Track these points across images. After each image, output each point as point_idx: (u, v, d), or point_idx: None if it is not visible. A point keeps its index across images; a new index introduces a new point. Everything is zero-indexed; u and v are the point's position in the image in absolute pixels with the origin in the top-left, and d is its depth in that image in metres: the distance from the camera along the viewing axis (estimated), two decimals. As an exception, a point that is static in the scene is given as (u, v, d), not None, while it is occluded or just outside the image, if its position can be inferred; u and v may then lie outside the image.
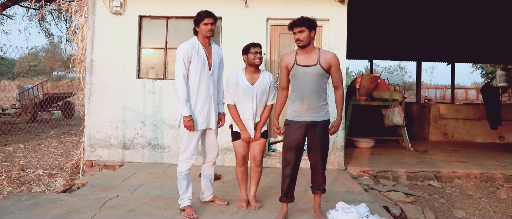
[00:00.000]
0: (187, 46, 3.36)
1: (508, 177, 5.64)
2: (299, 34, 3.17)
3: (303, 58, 3.24)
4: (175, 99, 5.75)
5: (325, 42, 5.72)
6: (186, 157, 3.44)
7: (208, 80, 3.44)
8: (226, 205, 3.72)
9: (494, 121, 8.29)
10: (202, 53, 3.40)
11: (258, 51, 3.53)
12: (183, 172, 3.46)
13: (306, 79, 3.19)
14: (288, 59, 3.29)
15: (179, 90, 3.33)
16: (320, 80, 3.22)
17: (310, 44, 3.23)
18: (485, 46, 10.88)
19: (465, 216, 4.56)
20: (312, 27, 3.20)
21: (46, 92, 15.10)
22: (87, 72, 5.86)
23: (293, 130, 3.26)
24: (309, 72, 3.19)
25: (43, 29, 13.52)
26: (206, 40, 3.46)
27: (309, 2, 5.64)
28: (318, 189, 3.38)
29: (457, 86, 30.05)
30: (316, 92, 3.20)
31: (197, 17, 3.41)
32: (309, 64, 3.20)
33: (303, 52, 3.25)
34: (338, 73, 3.27)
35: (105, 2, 5.77)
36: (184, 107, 3.32)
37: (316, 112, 3.23)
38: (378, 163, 6.09)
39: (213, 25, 3.42)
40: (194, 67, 3.36)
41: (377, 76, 8.25)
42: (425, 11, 7.63)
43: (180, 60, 3.33)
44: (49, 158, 7.20)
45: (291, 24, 3.22)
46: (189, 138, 3.42)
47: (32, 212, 3.45)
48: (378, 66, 42.66)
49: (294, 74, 3.25)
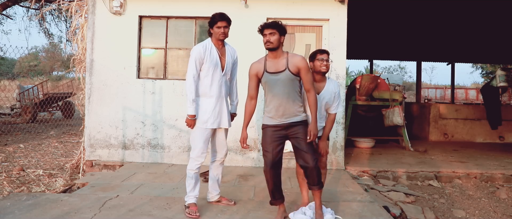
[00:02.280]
0: (200, 48, 3.44)
1: (508, 177, 5.64)
2: (270, 36, 3.16)
3: (272, 64, 3.23)
4: (175, 99, 5.78)
5: (325, 42, 5.72)
6: (196, 155, 3.49)
7: (220, 81, 3.51)
8: (233, 205, 3.74)
9: (494, 121, 8.29)
10: (214, 54, 3.47)
11: (325, 58, 3.42)
12: (193, 170, 3.52)
13: (278, 86, 3.18)
14: (257, 68, 3.28)
15: (187, 89, 3.43)
16: (292, 85, 3.20)
17: (279, 49, 3.23)
18: (485, 46, 10.88)
19: (465, 216, 4.56)
20: (282, 32, 3.22)
21: (46, 92, 15.11)
22: (87, 72, 5.87)
23: (270, 132, 3.24)
24: (279, 78, 3.18)
25: (43, 29, 13.53)
26: (220, 42, 3.53)
27: (309, 2, 5.64)
28: (313, 183, 3.23)
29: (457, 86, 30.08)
30: (290, 97, 3.19)
31: (211, 19, 3.47)
32: (278, 70, 3.19)
33: (272, 57, 3.24)
34: (308, 76, 3.20)
35: (105, 2, 5.77)
36: (190, 106, 3.42)
37: (292, 115, 3.21)
38: (378, 163, 6.09)
39: (226, 29, 3.47)
40: (206, 68, 3.45)
41: (377, 76, 8.24)
42: (425, 11, 7.63)
43: (192, 61, 3.43)
44: (49, 158, 7.20)
45: (263, 25, 3.22)
46: (200, 137, 3.48)
47: (32, 212, 3.46)
48: (378, 66, 42.69)
49: (265, 82, 3.24)
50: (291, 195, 4.14)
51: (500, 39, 9.80)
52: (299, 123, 3.23)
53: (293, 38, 5.75)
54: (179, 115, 5.74)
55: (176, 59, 5.90)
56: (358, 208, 3.76)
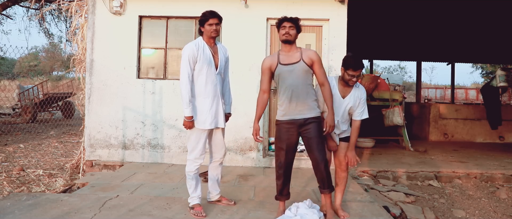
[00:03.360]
0: (193, 46, 3.38)
1: (508, 177, 5.64)
2: (290, 29, 3.22)
3: (285, 57, 3.26)
4: (175, 99, 5.77)
5: (325, 42, 5.72)
6: (195, 157, 3.46)
7: (215, 80, 3.46)
8: (233, 205, 3.73)
9: (494, 121, 8.29)
10: (207, 53, 3.42)
11: (355, 75, 3.25)
12: (192, 172, 3.49)
13: (292, 77, 3.20)
14: (271, 61, 3.31)
15: (183, 90, 3.34)
16: (305, 76, 3.23)
17: (294, 43, 3.29)
18: (485, 46, 10.89)
19: (465, 216, 4.56)
20: (299, 30, 3.30)
21: (46, 92, 15.10)
22: (87, 72, 5.86)
23: (284, 129, 3.26)
24: (293, 69, 3.21)
25: (43, 29, 13.55)
26: (212, 40, 3.48)
27: (309, 2, 5.64)
28: (324, 187, 3.30)
29: (457, 86, 30.07)
30: (303, 89, 3.21)
31: (202, 17, 3.42)
32: (292, 61, 3.23)
33: (285, 50, 3.28)
34: (322, 70, 3.27)
35: (105, 2, 5.77)
36: (186, 108, 3.34)
37: (306, 109, 3.22)
38: (378, 163, 6.09)
39: (218, 26, 3.43)
40: (200, 67, 3.38)
41: (377, 76, 8.25)
42: (425, 11, 7.63)
43: (185, 60, 3.34)
44: (49, 158, 7.20)
45: (283, 18, 3.25)
46: (197, 138, 3.44)
47: (32, 212, 3.45)
48: (378, 66, 42.68)
49: (278, 74, 3.25)
50: (292, 195, 4.13)
51: (500, 39, 9.80)
52: (312, 120, 3.23)
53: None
54: (179, 115, 5.75)
55: (176, 59, 5.90)
56: (358, 208, 3.76)
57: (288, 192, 3.41)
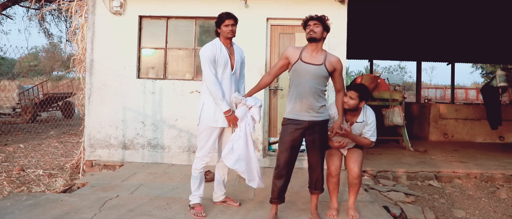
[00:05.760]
0: (210, 47, 3.42)
1: (508, 177, 5.64)
2: (314, 26, 3.17)
3: (308, 55, 3.21)
4: (175, 99, 5.78)
5: (325, 42, 5.69)
6: (203, 155, 3.48)
7: (230, 80, 3.48)
8: (238, 206, 3.72)
9: (494, 121, 8.29)
10: (225, 53, 3.46)
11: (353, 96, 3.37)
12: (198, 169, 3.51)
13: (307, 77, 3.16)
14: (293, 53, 3.25)
15: (213, 89, 3.35)
16: (321, 80, 3.20)
17: (320, 42, 3.23)
18: (485, 46, 10.88)
19: (465, 216, 4.56)
20: (326, 28, 3.23)
21: (46, 92, 15.11)
22: (87, 72, 5.87)
23: (291, 129, 3.22)
24: (311, 71, 3.16)
25: (43, 29, 13.54)
26: (228, 41, 3.51)
27: (309, 2, 5.64)
28: (315, 188, 3.35)
29: (457, 86, 30.07)
30: (316, 92, 3.18)
31: (218, 19, 3.48)
32: (314, 63, 3.18)
33: (310, 49, 3.22)
34: (341, 78, 3.32)
35: (105, 2, 5.77)
36: (222, 103, 3.37)
37: (315, 112, 3.20)
38: (378, 163, 6.09)
39: (234, 27, 3.47)
40: (216, 67, 3.42)
41: (377, 76, 8.25)
42: (425, 11, 7.62)
43: (206, 61, 3.37)
44: (49, 158, 7.20)
45: (308, 18, 3.21)
46: (208, 136, 3.46)
47: (32, 212, 3.46)
48: (378, 66, 42.67)
49: (296, 69, 3.20)
50: (291, 195, 4.14)
51: (500, 39, 9.79)
52: (319, 123, 3.23)
53: (293, 38, 5.74)
54: (179, 115, 5.75)
55: (176, 59, 5.90)
56: (358, 208, 3.76)
57: (284, 196, 3.37)
